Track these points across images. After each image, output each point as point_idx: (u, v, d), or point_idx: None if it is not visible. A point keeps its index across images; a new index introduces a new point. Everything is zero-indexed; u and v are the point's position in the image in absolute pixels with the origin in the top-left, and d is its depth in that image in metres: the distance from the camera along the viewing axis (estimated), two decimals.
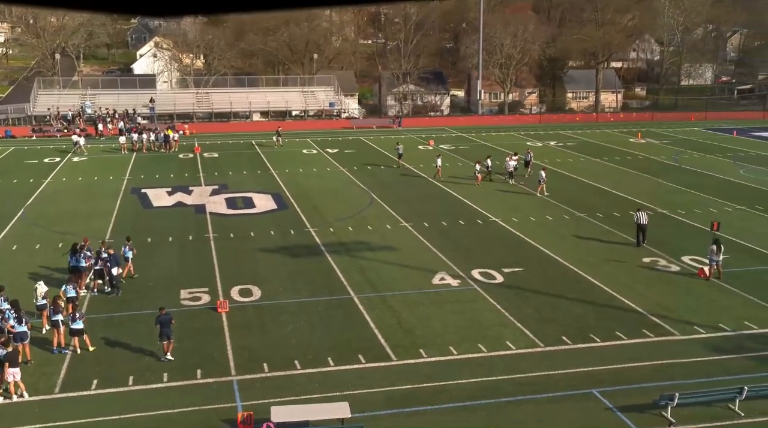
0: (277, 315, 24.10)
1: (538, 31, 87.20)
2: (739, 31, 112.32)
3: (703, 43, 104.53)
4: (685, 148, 60.34)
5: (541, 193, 41.44)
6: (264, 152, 57.74)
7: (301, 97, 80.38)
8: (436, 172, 47.07)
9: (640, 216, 31.92)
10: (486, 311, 24.49)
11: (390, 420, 17.60)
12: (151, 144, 58.66)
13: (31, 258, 30.28)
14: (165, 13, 1.35)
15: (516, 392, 18.95)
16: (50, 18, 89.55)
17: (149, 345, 21.45)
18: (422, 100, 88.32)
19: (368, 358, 20.90)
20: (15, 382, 18.54)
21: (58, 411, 18.02)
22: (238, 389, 19.13)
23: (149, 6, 1.32)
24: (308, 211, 38.28)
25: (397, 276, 27.92)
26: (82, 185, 45.46)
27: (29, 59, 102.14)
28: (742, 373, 19.84)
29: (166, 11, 1.34)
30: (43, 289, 23.02)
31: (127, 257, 27.39)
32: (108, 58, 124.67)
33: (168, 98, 77.92)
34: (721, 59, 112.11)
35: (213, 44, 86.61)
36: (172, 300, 24.11)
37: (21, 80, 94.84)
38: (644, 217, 31.89)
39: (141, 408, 18.07)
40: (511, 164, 45.96)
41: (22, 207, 39.13)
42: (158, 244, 32.07)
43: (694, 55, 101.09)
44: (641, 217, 31.84)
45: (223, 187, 44.46)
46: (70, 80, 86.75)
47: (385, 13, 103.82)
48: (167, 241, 32.54)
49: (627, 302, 25.31)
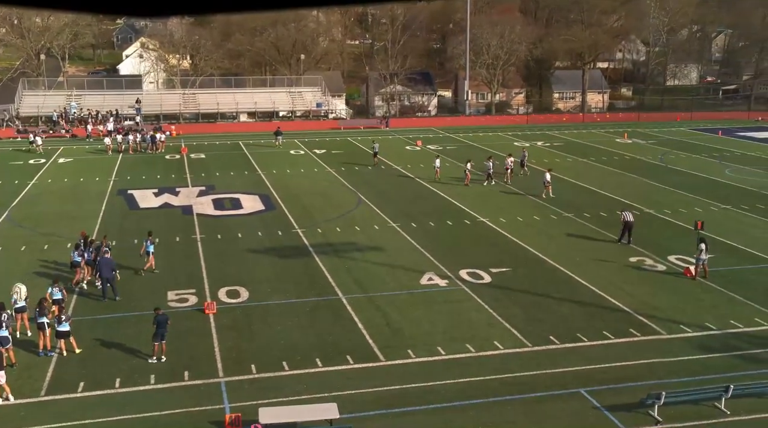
0: (264, 316, 24.05)
1: (524, 32, 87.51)
2: (723, 31, 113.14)
3: (688, 43, 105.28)
4: (671, 148, 60.70)
5: (547, 195, 40.88)
6: (251, 153, 57.61)
7: (289, 98, 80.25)
8: (435, 172, 46.50)
9: (626, 215, 32.22)
10: (474, 311, 24.53)
11: (379, 421, 17.59)
12: (137, 145, 58.42)
13: (17, 260, 30.07)
14: (151, 13, 1.34)
15: (504, 392, 18.98)
16: (35, 18, 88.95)
17: (136, 346, 21.35)
18: (410, 100, 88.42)
19: (356, 359, 20.89)
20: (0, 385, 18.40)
21: (44, 414, 17.88)
22: (226, 390, 19.06)
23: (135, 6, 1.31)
24: (296, 211, 38.22)
25: (385, 276, 27.92)
26: (67, 186, 45.20)
27: (14, 60, 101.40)
28: (728, 372, 19.97)
29: (152, 11, 1.33)
30: (23, 291, 22.77)
31: (149, 251, 27.87)
32: (94, 58, 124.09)
33: (154, 99, 77.62)
34: (706, 60, 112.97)
35: (200, 45, 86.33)
36: (160, 302, 23.98)
37: (5, 81, 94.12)
38: (630, 216, 32.15)
39: (128, 411, 17.97)
40: (508, 163, 45.61)
41: (7, 208, 38.84)
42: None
43: (679, 55, 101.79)
44: (627, 216, 32.13)
45: (210, 188, 44.32)
46: (55, 81, 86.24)
47: (372, 14, 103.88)
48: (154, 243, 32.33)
49: (614, 301, 25.42)
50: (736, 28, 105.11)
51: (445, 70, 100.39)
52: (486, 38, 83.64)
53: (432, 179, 46.22)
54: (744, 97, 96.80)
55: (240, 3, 1.32)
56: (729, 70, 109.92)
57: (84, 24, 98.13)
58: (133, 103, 73.80)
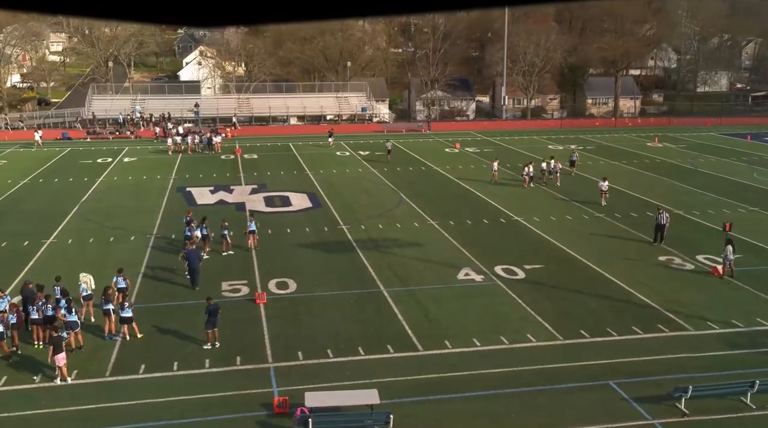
0: (311, 306, 24.19)
1: (559, 41, 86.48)
2: (753, 40, 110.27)
3: (718, 51, 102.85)
4: (701, 152, 59.38)
5: (605, 201, 38.53)
6: (300, 154, 57.98)
7: (335, 103, 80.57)
8: (492, 176, 45.29)
9: (661, 216, 31.38)
10: (508, 305, 24.34)
11: (416, 407, 17.57)
12: (196, 146, 59.23)
13: (85, 251, 30.74)
14: (209, 24, 1.35)
15: (535, 382, 18.81)
16: (104, 28, 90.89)
17: (193, 333, 21.67)
18: (449, 105, 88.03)
19: (396, 348, 20.89)
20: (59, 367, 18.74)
21: (108, 393, 18.28)
22: (275, 375, 19.24)
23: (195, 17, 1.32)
24: (341, 209, 38.35)
25: (423, 271, 27.87)
26: (132, 184, 46.04)
27: (84, 67, 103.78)
28: (754, 367, 19.46)
29: (210, 22, 1.35)
30: (91, 282, 23.26)
31: (252, 230, 30.23)
32: (156, 65, 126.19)
33: (211, 103, 78.60)
34: (736, 67, 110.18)
35: (253, 53, 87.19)
36: (214, 292, 24.31)
37: (77, 86, 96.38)
38: (664, 217, 31.36)
39: (185, 392, 18.27)
40: (543, 166, 44.48)
41: (77, 203, 39.75)
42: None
43: (709, 63, 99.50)
44: (662, 217, 31.31)
45: (262, 187, 44.72)
46: (121, 86, 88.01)
47: (414, 24, 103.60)
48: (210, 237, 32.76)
49: (643, 298, 24.99)
50: (766, 36, 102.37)
51: (483, 76, 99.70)
52: (522, 46, 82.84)
53: (491, 182, 44.93)
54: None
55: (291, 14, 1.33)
56: (758, 77, 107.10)
57: (148, 34, 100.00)
58: (192, 106, 74.87)
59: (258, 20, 1.34)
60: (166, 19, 1.32)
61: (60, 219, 36.08)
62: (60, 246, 31.43)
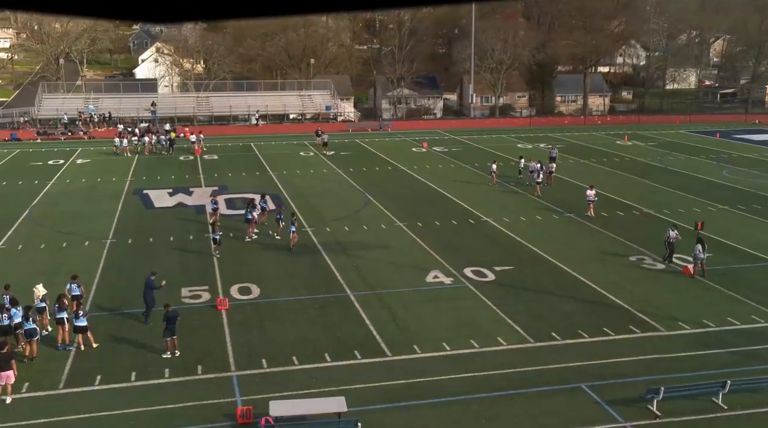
0: (275, 312, 24.07)
1: (528, 37, 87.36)
2: (721, 37, 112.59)
3: (687, 48, 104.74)
4: (670, 150, 60.47)
5: (593, 212, 36.65)
6: (262, 154, 57.66)
7: (299, 101, 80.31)
8: (491, 177, 45.31)
9: (670, 234, 29.39)
10: (478, 308, 24.49)
11: (385, 414, 17.58)
12: (152, 146, 58.49)
13: (37, 257, 30.18)
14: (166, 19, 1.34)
15: (507, 386, 18.96)
16: (54, 24, 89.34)
17: (151, 341, 21.40)
18: (416, 103, 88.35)
19: (364, 354, 20.89)
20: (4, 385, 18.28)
21: (62, 407, 17.94)
22: (238, 384, 19.09)
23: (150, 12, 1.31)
24: (306, 211, 38.22)
25: (391, 274, 27.91)
26: (85, 187, 45.33)
27: (34, 64, 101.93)
28: (725, 367, 19.87)
29: (166, 17, 1.33)
30: (41, 292, 22.79)
31: (291, 230, 31.04)
32: (110, 63, 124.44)
33: (169, 102, 77.78)
34: (704, 64, 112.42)
35: (213, 49, 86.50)
36: (173, 298, 24.02)
37: (26, 85, 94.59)
38: (674, 234, 29.29)
39: (143, 403, 18.02)
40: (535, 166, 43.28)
41: (27, 207, 39.00)
42: (159, 244, 32.00)
43: (678, 60, 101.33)
44: (672, 235, 29.30)
45: (223, 188, 44.38)
46: (73, 85, 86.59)
47: (380, 20, 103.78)
48: (168, 241, 32.46)
49: (614, 299, 25.35)
50: (734, 33, 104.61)
51: (450, 74, 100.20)
52: (490, 43, 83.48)
53: (490, 184, 44.84)
54: (741, 101, 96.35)
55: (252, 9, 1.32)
56: (727, 75, 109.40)
57: (101, 29, 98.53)
58: (148, 105, 73.99)
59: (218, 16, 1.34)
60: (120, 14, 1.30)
61: (9, 224, 35.35)
62: (10, 253, 30.80)
